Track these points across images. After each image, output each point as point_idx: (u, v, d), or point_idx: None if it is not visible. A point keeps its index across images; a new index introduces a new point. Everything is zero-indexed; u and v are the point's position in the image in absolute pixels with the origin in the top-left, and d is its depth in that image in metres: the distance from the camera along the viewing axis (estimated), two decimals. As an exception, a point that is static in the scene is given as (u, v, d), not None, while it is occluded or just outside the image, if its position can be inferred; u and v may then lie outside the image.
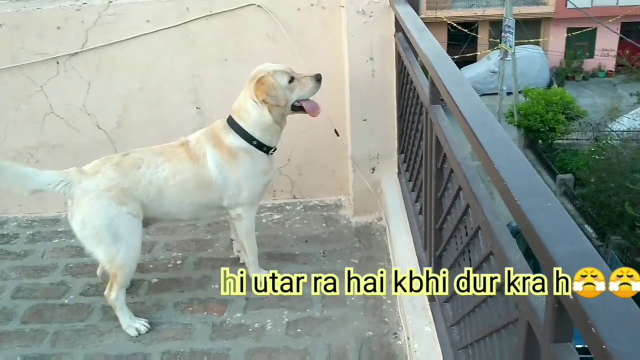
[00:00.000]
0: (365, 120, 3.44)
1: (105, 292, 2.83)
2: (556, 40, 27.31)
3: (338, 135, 3.58)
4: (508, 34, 20.61)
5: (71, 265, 3.46)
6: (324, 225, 3.72)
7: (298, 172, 3.92)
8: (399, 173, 3.50)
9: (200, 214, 3.01)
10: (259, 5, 3.45)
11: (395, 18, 3.16)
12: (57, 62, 3.62)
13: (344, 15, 3.28)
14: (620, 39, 23.46)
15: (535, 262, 1.05)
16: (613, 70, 25.44)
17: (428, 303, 2.45)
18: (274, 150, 2.95)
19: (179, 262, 3.42)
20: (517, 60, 19.66)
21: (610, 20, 21.28)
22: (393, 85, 3.32)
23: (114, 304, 2.81)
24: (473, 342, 1.80)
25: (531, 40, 25.64)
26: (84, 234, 2.71)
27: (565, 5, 26.68)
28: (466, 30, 21.61)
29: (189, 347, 2.75)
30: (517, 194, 1.08)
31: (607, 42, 24.98)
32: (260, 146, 2.87)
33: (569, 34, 27.22)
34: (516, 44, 21.38)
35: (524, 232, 1.04)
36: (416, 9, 2.92)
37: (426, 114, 2.22)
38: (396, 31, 3.18)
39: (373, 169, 3.57)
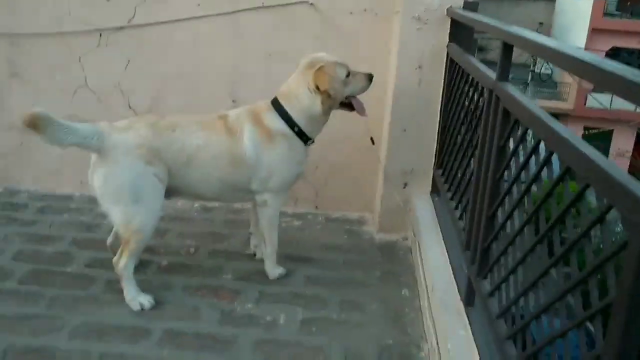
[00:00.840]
0: (405, 131, 3.32)
1: (114, 259, 2.66)
2: (574, 136, 27.62)
3: (374, 143, 3.45)
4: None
5: (78, 239, 3.27)
6: (345, 237, 3.54)
7: (324, 182, 3.78)
8: (432, 191, 3.35)
9: (225, 193, 2.86)
10: (311, 3, 3.41)
11: (450, 27, 3.11)
12: (100, 35, 3.57)
13: (398, 20, 3.24)
14: (636, 142, 23.72)
15: None
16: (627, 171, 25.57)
17: (463, 307, 2.26)
18: (312, 142, 2.85)
19: (192, 249, 3.23)
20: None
21: (630, 123, 21.59)
22: (439, 97, 3.22)
23: (121, 273, 2.63)
24: (526, 325, 1.61)
25: (549, 133, 25.96)
26: (103, 190, 2.57)
27: (585, 104, 27.18)
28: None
29: (195, 328, 2.54)
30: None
31: (623, 143, 25.26)
32: (301, 134, 2.77)
33: (586, 132, 27.59)
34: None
35: None
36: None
37: (489, 94, 2.10)
38: (449, 41, 3.12)
39: (405, 184, 3.42)
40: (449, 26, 3.12)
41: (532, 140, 1.61)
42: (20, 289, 2.76)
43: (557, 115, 24.94)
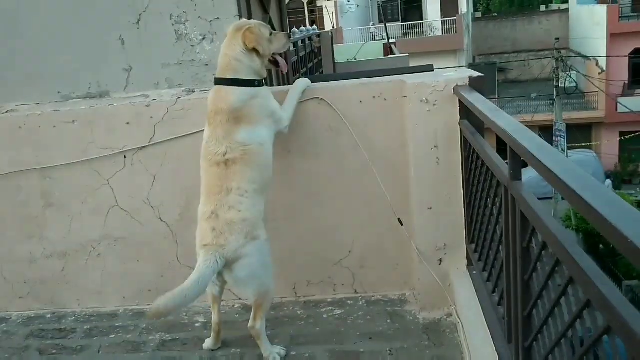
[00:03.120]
0: (430, 209, 3.32)
1: (250, 324, 3.02)
2: (609, 144, 27.07)
3: (402, 224, 3.46)
4: (560, 138, 20.61)
5: (127, 361, 3.33)
6: (388, 321, 3.50)
7: (360, 265, 3.77)
8: (469, 265, 3.32)
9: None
10: (322, 99, 3.49)
11: (460, 105, 3.14)
12: (125, 156, 3.71)
13: (407, 104, 3.28)
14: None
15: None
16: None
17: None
18: None
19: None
20: (571, 163, 19.36)
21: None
22: (459, 173, 3.23)
23: (259, 333, 3.02)
24: None
25: (583, 144, 25.50)
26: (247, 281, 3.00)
27: (616, 110, 26.67)
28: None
29: None
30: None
31: (661, 142, 24.59)
32: (262, 84, 3.10)
33: (622, 137, 26.97)
34: (568, 148, 21.27)
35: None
36: (483, 94, 2.89)
37: (505, 192, 2.10)
38: (461, 118, 3.14)
39: (440, 260, 3.40)
40: (458, 104, 3.15)
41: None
42: None
43: (590, 125, 24.58)
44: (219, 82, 3.05)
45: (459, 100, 3.12)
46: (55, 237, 3.87)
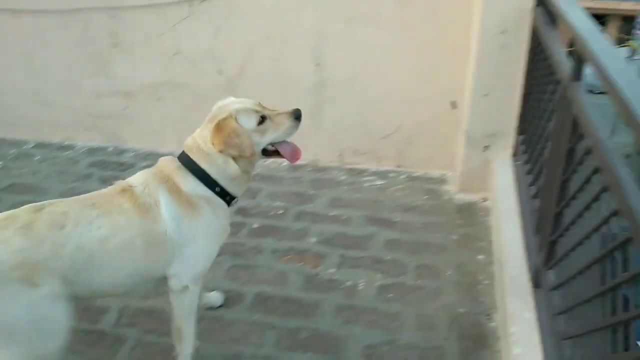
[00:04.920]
0: (486, 95, 3.31)
1: None
2: (695, 42, 25.05)
3: (456, 107, 3.48)
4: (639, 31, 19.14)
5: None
6: (425, 197, 3.66)
7: (406, 141, 3.86)
8: (514, 155, 3.36)
9: (138, 286, 2.22)
10: (391, -34, 3.38)
11: (537, -9, 3.00)
12: (189, 5, 3.75)
13: (482, -18, 3.15)
14: None
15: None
16: None
17: (532, 289, 2.36)
18: (235, 201, 2.27)
19: (280, 211, 3.50)
20: (647, 59, 18.22)
21: None
22: (523, 62, 3.16)
23: None
24: (582, 334, 1.72)
25: (666, 40, 23.69)
26: None
27: None
28: (600, 20, 20.21)
29: (282, 293, 2.82)
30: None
31: None
32: (224, 194, 2.20)
33: None
34: (648, 43, 19.83)
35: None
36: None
37: (563, 91, 2.09)
38: (536, 5, 3.01)
39: (486, 146, 3.45)
40: (536, -12, 3.01)
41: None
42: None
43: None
44: (183, 157, 2.16)
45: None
46: (120, 75, 4.04)
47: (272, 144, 2.20)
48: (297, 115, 2.20)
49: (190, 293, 2.21)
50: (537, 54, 2.85)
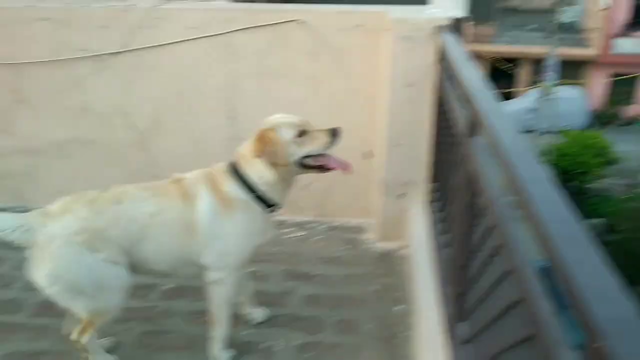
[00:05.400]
0: (399, 145, 3.37)
1: (73, 336, 2.42)
2: (599, 83, 26.95)
3: (373, 156, 3.53)
4: (550, 73, 20.44)
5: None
6: (346, 247, 3.65)
7: (325, 192, 3.87)
8: (431, 202, 3.42)
9: (179, 268, 2.53)
10: (302, 21, 3.43)
11: (440, 47, 3.11)
12: (98, 60, 3.65)
13: (389, 38, 3.24)
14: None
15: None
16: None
17: (446, 341, 2.36)
18: (276, 209, 2.51)
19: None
20: (557, 100, 19.47)
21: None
22: (428, 114, 3.25)
23: (86, 347, 2.43)
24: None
25: (573, 82, 25.34)
26: (53, 290, 2.25)
27: (610, 50, 26.33)
28: (510, 64, 21.48)
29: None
30: (557, 243, 1.00)
31: (650, 87, 24.56)
32: (262, 199, 2.43)
33: (613, 79, 26.83)
34: (558, 84, 21.17)
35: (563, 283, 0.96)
36: (462, 39, 2.86)
37: (460, 146, 2.15)
38: (439, 60, 3.12)
39: (402, 194, 3.50)
40: (438, 46, 3.12)
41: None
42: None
43: (581, 62, 24.12)
44: (231, 164, 2.45)
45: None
46: (25, 132, 3.87)
47: (315, 159, 2.43)
48: (335, 133, 2.43)
49: (225, 284, 2.50)
50: (441, 106, 2.94)
